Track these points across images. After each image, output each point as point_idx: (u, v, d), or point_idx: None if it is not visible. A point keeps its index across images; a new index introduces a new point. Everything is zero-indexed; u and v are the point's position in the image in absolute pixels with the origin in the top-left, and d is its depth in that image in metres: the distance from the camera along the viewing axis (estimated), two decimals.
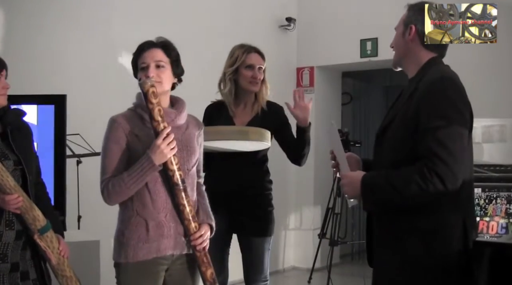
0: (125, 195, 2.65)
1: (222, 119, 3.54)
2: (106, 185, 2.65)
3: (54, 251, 2.73)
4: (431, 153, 2.23)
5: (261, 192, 3.58)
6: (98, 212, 3.73)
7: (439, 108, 2.28)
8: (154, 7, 5.60)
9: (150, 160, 2.59)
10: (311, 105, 3.49)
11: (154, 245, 2.67)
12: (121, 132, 2.67)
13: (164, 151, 2.60)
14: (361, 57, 6.82)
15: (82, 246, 3.74)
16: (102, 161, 2.71)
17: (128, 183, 2.60)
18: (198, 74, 5.43)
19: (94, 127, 3.22)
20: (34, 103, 3.67)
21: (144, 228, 2.66)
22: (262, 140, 3.31)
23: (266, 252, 3.56)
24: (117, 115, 2.74)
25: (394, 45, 2.60)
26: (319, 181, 7.21)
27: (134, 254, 2.65)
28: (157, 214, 2.68)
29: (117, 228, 2.74)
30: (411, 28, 2.48)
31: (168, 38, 2.84)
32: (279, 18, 7.10)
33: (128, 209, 2.70)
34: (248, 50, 3.56)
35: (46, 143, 3.63)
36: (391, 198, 2.31)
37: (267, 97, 3.61)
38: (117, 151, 2.68)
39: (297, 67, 7.38)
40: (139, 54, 2.76)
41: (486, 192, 3.62)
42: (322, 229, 6.51)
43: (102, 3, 5.19)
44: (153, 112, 2.60)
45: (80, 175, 4.48)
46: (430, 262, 2.31)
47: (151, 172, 2.61)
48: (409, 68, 2.55)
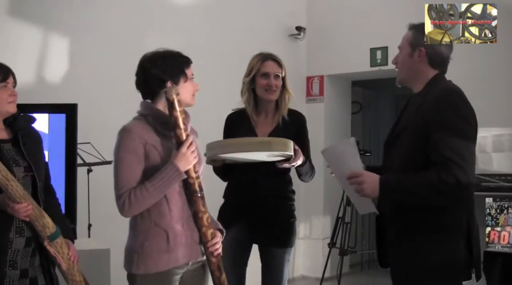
0: (147, 205, 2.62)
1: (244, 129, 3.49)
2: (127, 196, 2.59)
3: (64, 256, 2.75)
4: (446, 158, 2.43)
5: (283, 202, 3.53)
6: (108, 220, 3.74)
7: (450, 119, 2.49)
8: (167, 17, 5.63)
9: (176, 168, 2.59)
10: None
11: (173, 255, 2.66)
12: (138, 143, 2.64)
13: (189, 159, 2.63)
14: (371, 66, 6.82)
15: (93, 254, 3.74)
16: (119, 172, 2.63)
17: (152, 193, 2.58)
18: (211, 83, 5.44)
19: (105, 136, 3.22)
20: (46, 112, 3.70)
21: (165, 239, 2.65)
22: (286, 150, 3.19)
23: (286, 263, 3.53)
24: (130, 124, 2.70)
25: (400, 65, 2.74)
26: (329, 190, 7.19)
27: (154, 265, 2.63)
28: (175, 223, 2.68)
29: (134, 239, 2.69)
30: (421, 51, 2.64)
31: (180, 48, 2.84)
32: (288, 27, 7.12)
33: (145, 219, 2.67)
34: (264, 58, 3.53)
35: (57, 151, 3.66)
36: (410, 198, 2.50)
37: (289, 105, 3.55)
38: (135, 161, 2.63)
39: (307, 76, 7.38)
40: (188, 65, 2.79)
41: (497, 202, 3.60)
42: (332, 238, 6.48)
43: (114, 12, 5.22)
44: (178, 121, 2.61)
45: (90, 184, 4.49)
46: (440, 258, 2.50)
47: (177, 180, 2.62)
48: (415, 85, 2.72)
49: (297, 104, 4.13)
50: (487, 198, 3.83)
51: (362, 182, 2.54)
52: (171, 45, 2.85)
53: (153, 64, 2.73)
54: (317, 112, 7.24)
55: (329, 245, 6.49)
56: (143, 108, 2.76)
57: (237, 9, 6.38)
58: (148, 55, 2.79)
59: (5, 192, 2.58)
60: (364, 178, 2.55)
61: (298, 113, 3.63)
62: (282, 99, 3.53)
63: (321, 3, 7.27)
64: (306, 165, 3.40)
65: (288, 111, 3.55)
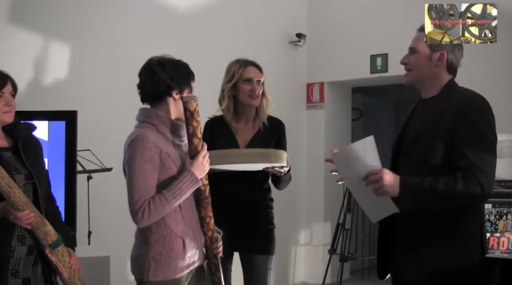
0: (164, 213, 2.64)
1: (224, 136, 3.49)
2: (147, 206, 2.59)
3: (66, 265, 2.75)
4: (472, 164, 2.45)
5: (262, 210, 3.53)
6: (108, 227, 3.75)
7: (478, 126, 2.52)
8: (168, 24, 5.64)
9: (194, 175, 2.66)
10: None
11: (188, 260, 2.73)
12: (154, 152, 2.64)
13: (204, 167, 2.71)
14: (371, 72, 6.82)
15: (93, 261, 3.74)
16: (136, 182, 2.62)
17: (171, 201, 2.61)
18: (209, 91, 5.43)
19: (105, 143, 3.24)
20: (45, 119, 3.70)
21: (181, 245, 2.69)
22: (282, 162, 3.26)
23: (268, 271, 3.51)
24: (143, 133, 2.67)
25: (414, 66, 2.69)
26: (329, 197, 7.20)
27: (172, 272, 2.68)
28: (188, 229, 2.74)
29: (148, 247, 2.69)
30: (442, 54, 2.62)
31: (180, 56, 2.85)
32: (289, 34, 7.13)
33: (161, 228, 2.68)
34: (245, 64, 3.51)
35: (57, 158, 3.66)
36: (431, 200, 2.48)
37: (268, 111, 3.55)
38: (152, 170, 2.63)
39: (307, 82, 7.38)
40: (193, 78, 2.82)
41: (496, 207, 3.60)
42: (332, 244, 6.47)
43: (115, 20, 5.23)
44: (196, 131, 2.65)
45: (90, 191, 4.48)
46: (458, 265, 2.50)
47: (194, 187, 2.68)
48: (428, 88, 2.69)
49: (297, 110, 4.14)
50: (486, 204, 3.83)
51: (381, 179, 2.48)
52: (172, 52, 2.85)
53: (163, 69, 2.72)
54: (317, 118, 7.26)
55: (329, 252, 6.47)
56: (146, 115, 2.76)
57: (237, 15, 6.40)
58: (156, 58, 2.79)
59: (7, 199, 2.58)
60: (383, 175, 2.49)
61: (278, 120, 3.62)
62: (261, 105, 3.53)
63: (321, 10, 7.29)
64: (287, 174, 3.43)
65: (268, 118, 3.56)
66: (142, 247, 2.72)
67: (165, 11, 5.68)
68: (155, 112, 2.74)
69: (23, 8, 4.70)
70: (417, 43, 2.67)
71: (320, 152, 7.06)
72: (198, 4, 6.00)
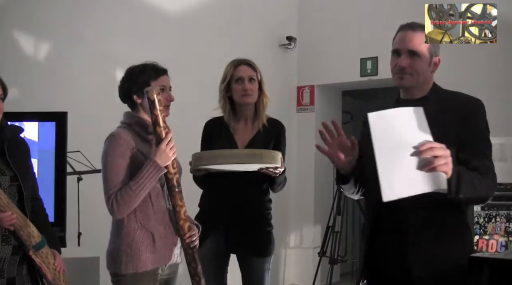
0: (134, 204, 2.75)
1: (223, 137, 3.46)
2: (114, 198, 2.73)
3: (50, 266, 2.77)
4: (483, 163, 2.49)
5: (260, 212, 3.50)
6: (98, 229, 3.73)
7: (483, 128, 2.57)
8: (158, 27, 5.64)
9: (155, 163, 2.73)
10: None
11: (158, 255, 2.82)
12: (126, 148, 2.78)
13: (168, 155, 2.76)
14: (361, 76, 6.84)
15: (82, 262, 3.74)
16: (107, 176, 2.78)
17: (136, 190, 2.71)
18: (199, 93, 5.46)
19: (95, 144, 3.22)
20: (36, 120, 3.70)
21: (151, 239, 2.81)
22: (275, 163, 3.22)
23: (266, 272, 3.49)
24: (117, 131, 2.85)
25: (417, 70, 2.60)
26: (319, 200, 7.21)
27: (142, 265, 2.78)
28: (159, 225, 2.84)
29: (120, 240, 2.81)
30: (439, 60, 2.64)
31: (169, 58, 2.89)
32: (279, 37, 7.14)
33: (132, 222, 2.80)
34: (237, 63, 3.49)
35: (47, 160, 3.65)
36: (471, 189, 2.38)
37: (267, 108, 3.53)
38: (123, 165, 2.77)
39: (298, 85, 7.40)
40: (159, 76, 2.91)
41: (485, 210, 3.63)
42: (322, 247, 6.49)
43: (105, 21, 5.23)
44: (158, 119, 2.74)
45: (80, 192, 4.49)
46: (464, 255, 2.43)
47: (158, 175, 2.75)
48: (418, 90, 2.66)
49: (287, 113, 4.15)
50: (476, 207, 3.85)
51: (449, 155, 2.27)
52: (162, 56, 2.90)
53: (126, 78, 2.93)
54: (307, 121, 7.26)
55: (319, 254, 6.49)
56: (126, 118, 2.93)
57: (227, 18, 6.41)
58: (128, 67, 2.96)
59: None
60: (449, 153, 2.27)
61: (278, 122, 3.60)
62: (260, 103, 3.49)
63: (312, 13, 7.30)
64: (282, 175, 3.41)
65: (268, 119, 3.53)
66: (115, 242, 2.85)
67: (156, 14, 5.68)
68: (132, 114, 2.93)
69: (12, 10, 4.68)
70: (419, 46, 2.59)
71: (310, 155, 7.07)
72: (188, 7, 6.00)
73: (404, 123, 2.34)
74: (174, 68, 3.12)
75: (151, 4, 5.65)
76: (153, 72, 2.89)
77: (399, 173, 2.28)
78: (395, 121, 2.37)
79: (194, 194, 3.50)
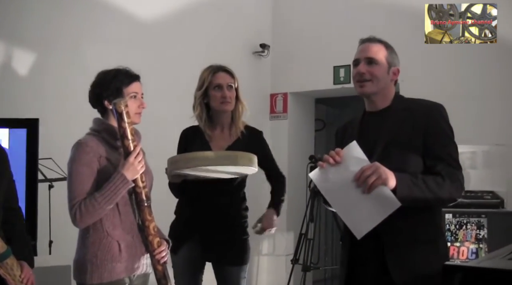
0: (98, 215, 2.69)
1: (198, 144, 3.43)
2: (78, 207, 2.67)
3: (16, 278, 2.69)
4: (450, 166, 2.58)
5: (237, 220, 3.48)
6: (69, 237, 3.69)
7: (446, 131, 2.65)
8: (130, 33, 5.61)
9: (123, 176, 2.67)
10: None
11: (124, 265, 2.76)
12: (93, 156, 2.73)
13: (136, 168, 2.70)
14: (334, 83, 6.87)
15: (53, 271, 3.70)
16: (72, 184, 2.73)
17: (101, 202, 2.65)
18: (173, 100, 5.44)
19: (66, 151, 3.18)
20: (6, 126, 3.66)
21: (117, 249, 2.74)
22: (251, 165, 3.19)
23: (242, 281, 3.47)
24: (85, 138, 2.80)
25: (376, 76, 2.72)
26: (292, 207, 7.20)
27: (108, 274, 2.72)
28: (126, 234, 2.79)
29: (85, 250, 2.76)
30: (398, 70, 2.75)
31: (143, 64, 2.88)
32: (253, 44, 7.14)
33: (98, 231, 2.74)
34: (215, 70, 3.47)
35: (18, 167, 3.60)
36: (425, 193, 2.50)
37: (243, 116, 3.51)
38: (88, 174, 2.71)
39: (271, 93, 7.41)
40: (131, 82, 2.86)
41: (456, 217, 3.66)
42: (295, 254, 6.49)
43: (77, 28, 5.19)
44: (126, 132, 2.69)
45: (52, 200, 4.44)
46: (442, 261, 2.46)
47: (124, 189, 2.69)
48: (380, 100, 2.75)
49: (260, 121, 4.16)
50: (447, 214, 3.89)
51: (378, 168, 2.46)
52: (134, 62, 2.88)
53: (97, 82, 2.88)
54: (280, 129, 7.27)
55: (292, 262, 6.49)
56: (95, 124, 2.88)
57: (201, 25, 6.40)
58: (100, 71, 2.92)
59: None
60: (378, 166, 2.46)
61: (254, 128, 3.60)
62: (236, 110, 3.49)
63: (285, 21, 7.33)
64: (281, 204, 3.57)
65: (246, 127, 3.53)
66: (80, 251, 2.80)
67: (130, 20, 5.65)
68: (102, 121, 2.87)
69: None
70: (376, 54, 2.73)
71: (283, 162, 7.04)
72: (162, 13, 5.98)
73: (342, 166, 2.52)
74: (147, 74, 3.11)
75: (125, 11, 5.62)
76: (125, 78, 2.85)
77: (356, 211, 2.52)
78: (333, 169, 2.54)
79: (170, 202, 3.48)
